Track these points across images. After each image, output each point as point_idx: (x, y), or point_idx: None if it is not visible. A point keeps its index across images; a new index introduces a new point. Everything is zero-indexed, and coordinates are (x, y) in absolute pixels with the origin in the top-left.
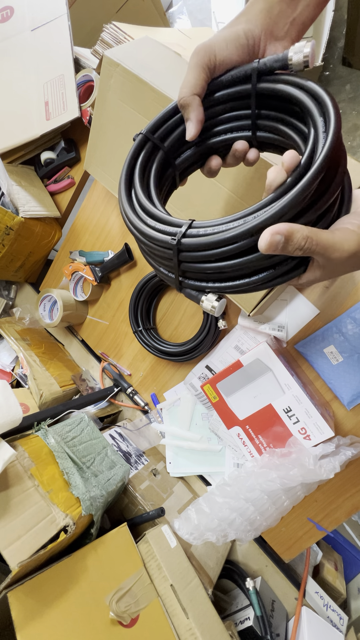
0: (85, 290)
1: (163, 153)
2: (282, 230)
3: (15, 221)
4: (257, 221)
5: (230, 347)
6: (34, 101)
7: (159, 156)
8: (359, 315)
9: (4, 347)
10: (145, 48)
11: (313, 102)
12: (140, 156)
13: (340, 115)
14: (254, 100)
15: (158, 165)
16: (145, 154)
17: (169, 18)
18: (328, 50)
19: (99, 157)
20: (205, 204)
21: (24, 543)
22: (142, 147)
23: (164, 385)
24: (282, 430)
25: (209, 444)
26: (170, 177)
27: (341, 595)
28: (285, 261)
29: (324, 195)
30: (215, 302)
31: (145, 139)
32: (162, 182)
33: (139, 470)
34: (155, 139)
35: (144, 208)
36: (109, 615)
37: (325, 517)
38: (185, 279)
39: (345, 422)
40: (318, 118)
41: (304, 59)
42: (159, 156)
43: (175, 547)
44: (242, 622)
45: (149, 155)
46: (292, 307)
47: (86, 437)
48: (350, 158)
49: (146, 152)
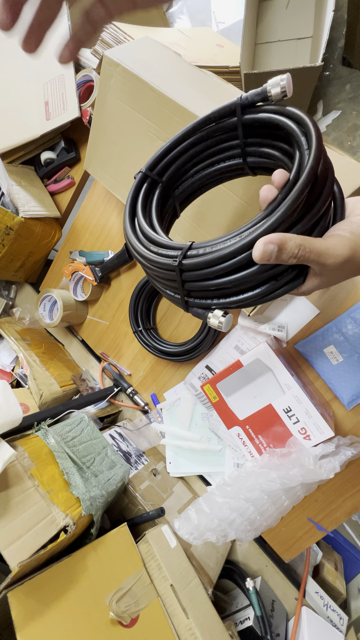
0: (85, 290)
1: (162, 186)
2: (274, 240)
3: (15, 221)
4: (252, 236)
5: (230, 347)
6: (34, 101)
7: (158, 189)
8: (359, 315)
9: (4, 347)
10: (145, 48)
11: (294, 124)
12: (141, 191)
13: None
14: (240, 131)
15: (158, 197)
16: (146, 189)
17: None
18: (328, 50)
19: (99, 157)
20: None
21: (24, 543)
22: (142, 183)
23: (164, 385)
24: (282, 430)
25: (209, 444)
26: (171, 207)
27: (341, 595)
28: (284, 272)
29: (315, 204)
30: (222, 318)
31: (144, 176)
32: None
33: (139, 470)
34: (153, 175)
35: (146, 236)
36: (109, 615)
37: (325, 517)
38: (191, 298)
39: (345, 422)
40: (300, 137)
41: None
42: (159, 189)
43: (175, 547)
44: (242, 622)
45: (149, 189)
46: (292, 307)
47: (86, 437)
48: (350, 158)
49: (147, 187)
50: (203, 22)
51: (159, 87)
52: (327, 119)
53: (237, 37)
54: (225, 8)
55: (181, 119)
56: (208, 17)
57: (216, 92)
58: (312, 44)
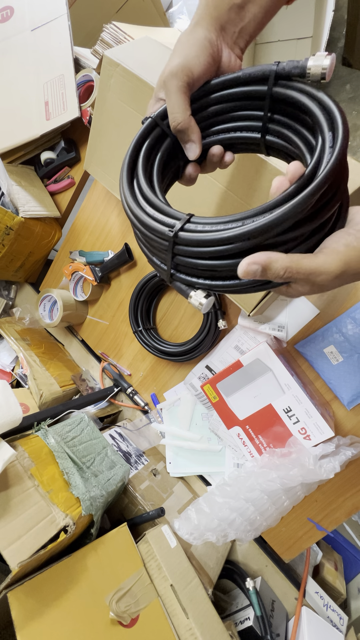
0: (85, 290)
1: (171, 141)
2: (259, 261)
3: (15, 221)
4: (255, 225)
5: (230, 347)
6: (34, 101)
7: (165, 144)
8: (359, 315)
9: (4, 347)
10: (146, 48)
11: (324, 116)
12: (147, 141)
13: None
14: (268, 103)
15: (164, 153)
16: (152, 140)
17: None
18: (328, 50)
19: (99, 157)
20: (204, 202)
21: (24, 543)
22: (149, 132)
23: (164, 385)
24: (282, 430)
25: (209, 444)
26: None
27: (341, 595)
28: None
29: (321, 210)
30: (203, 299)
31: (154, 124)
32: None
33: (139, 470)
34: (164, 125)
35: (144, 195)
36: (109, 615)
37: (325, 517)
38: (177, 272)
39: (345, 422)
40: (327, 132)
41: (322, 70)
42: (166, 144)
43: (175, 547)
44: (242, 622)
45: (155, 141)
46: (292, 307)
47: (86, 437)
48: (350, 158)
49: (152, 138)
50: None
51: None
52: None
53: None
54: None
55: None
56: None
57: None
58: (312, 44)
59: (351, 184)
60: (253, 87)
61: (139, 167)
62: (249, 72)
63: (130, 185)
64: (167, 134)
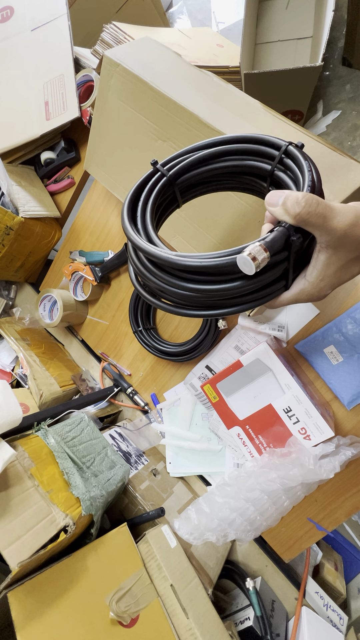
0: (85, 290)
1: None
2: (279, 193)
3: (15, 221)
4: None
5: (230, 347)
6: (34, 101)
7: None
8: (359, 315)
9: (4, 347)
10: (146, 48)
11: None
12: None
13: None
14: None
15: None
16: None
17: (169, 18)
18: (328, 50)
19: (99, 157)
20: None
21: (24, 543)
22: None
23: (164, 385)
24: (282, 430)
25: (209, 444)
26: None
27: (341, 595)
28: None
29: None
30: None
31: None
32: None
33: (139, 470)
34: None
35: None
36: (109, 615)
37: (325, 517)
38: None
39: (345, 422)
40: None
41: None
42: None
43: (175, 547)
44: (242, 622)
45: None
46: (292, 307)
47: (86, 437)
48: (350, 158)
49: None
50: (203, 22)
51: (159, 87)
52: (327, 119)
53: (237, 37)
54: (225, 8)
55: (181, 119)
56: (208, 17)
57: (216, 92)
58: (312, 44)
59: (351, 184)
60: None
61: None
62: (262, 139)
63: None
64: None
